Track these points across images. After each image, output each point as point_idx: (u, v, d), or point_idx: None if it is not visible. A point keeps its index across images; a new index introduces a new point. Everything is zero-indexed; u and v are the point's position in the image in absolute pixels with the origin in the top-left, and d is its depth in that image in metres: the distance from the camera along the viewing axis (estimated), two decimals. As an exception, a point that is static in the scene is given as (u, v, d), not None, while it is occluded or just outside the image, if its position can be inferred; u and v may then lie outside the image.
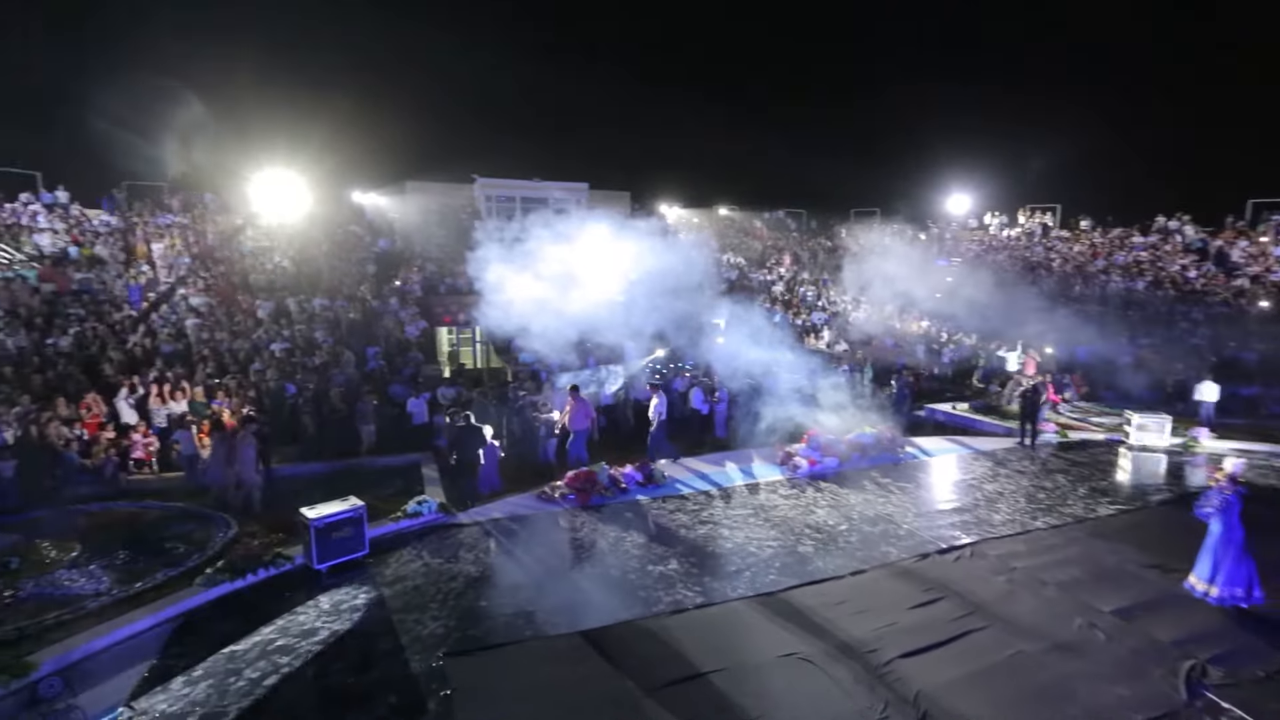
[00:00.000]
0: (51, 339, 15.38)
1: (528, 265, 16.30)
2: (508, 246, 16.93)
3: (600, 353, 16.80)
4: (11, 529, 9.79)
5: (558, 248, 16.58)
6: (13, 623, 7.20)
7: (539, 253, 16.41)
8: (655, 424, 12.93)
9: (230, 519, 9.96)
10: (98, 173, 27.93)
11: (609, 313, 15.14)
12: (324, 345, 16.91)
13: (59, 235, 21.87)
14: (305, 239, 24.33)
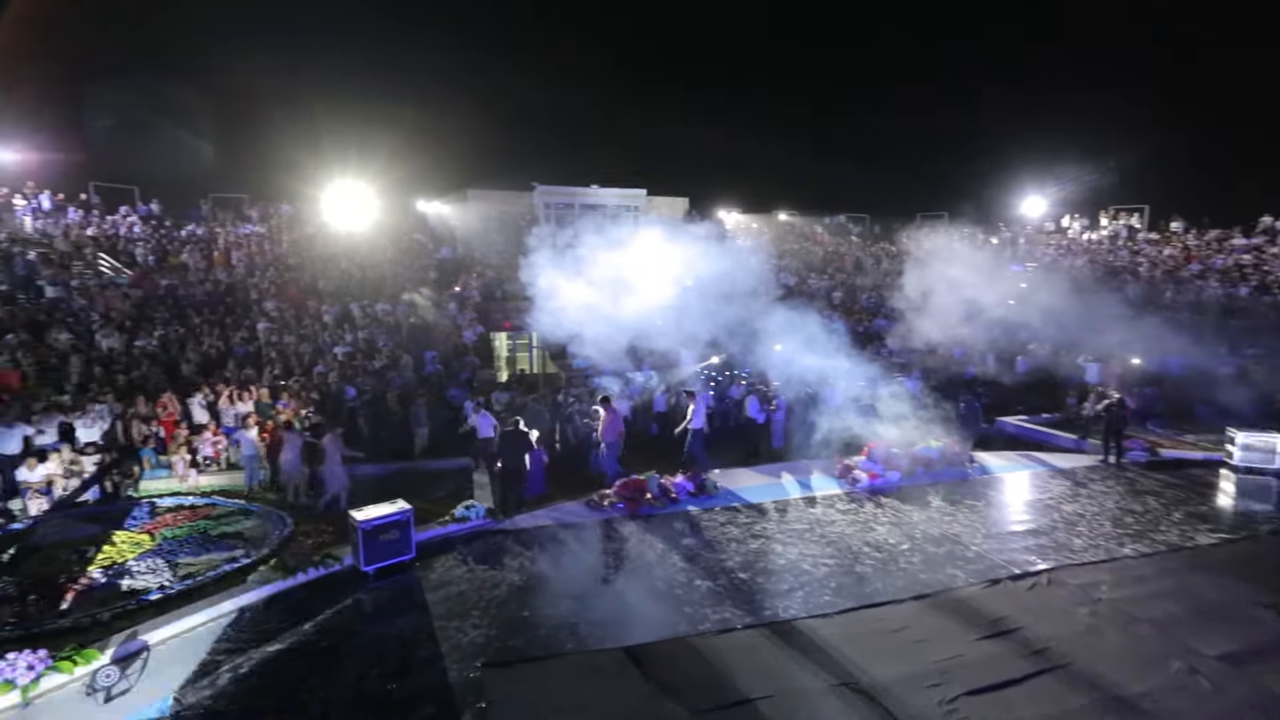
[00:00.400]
0: (140, 341, 16.26)
1: (582, 271, 16.32)
2: (563, 252, 17.00)
3: (654, 359, 16.60)
4: (93, 519, 10.32)
5: (612, 253, 16.54)
6: (85, 610, 7.53)
7: (593, 258, 16.41)
8: (692, 432, 12.59)
9: (287, 517, 10.21)
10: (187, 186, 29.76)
11: (663, 318, 14.95)
12: (383, 349, 17.32)
13: (150, 244, 23.31)
14: (372, 246, 25.15)
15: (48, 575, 8.34)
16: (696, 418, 12.63)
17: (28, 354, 14.37)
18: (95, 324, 16.36)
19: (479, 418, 12.56)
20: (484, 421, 12.55)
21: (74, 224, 23.77)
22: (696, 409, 12.68)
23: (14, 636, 7.03)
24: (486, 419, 12.64)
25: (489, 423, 12.55)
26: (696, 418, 12.63)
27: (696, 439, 12.62)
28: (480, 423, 12.49)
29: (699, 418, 12.66)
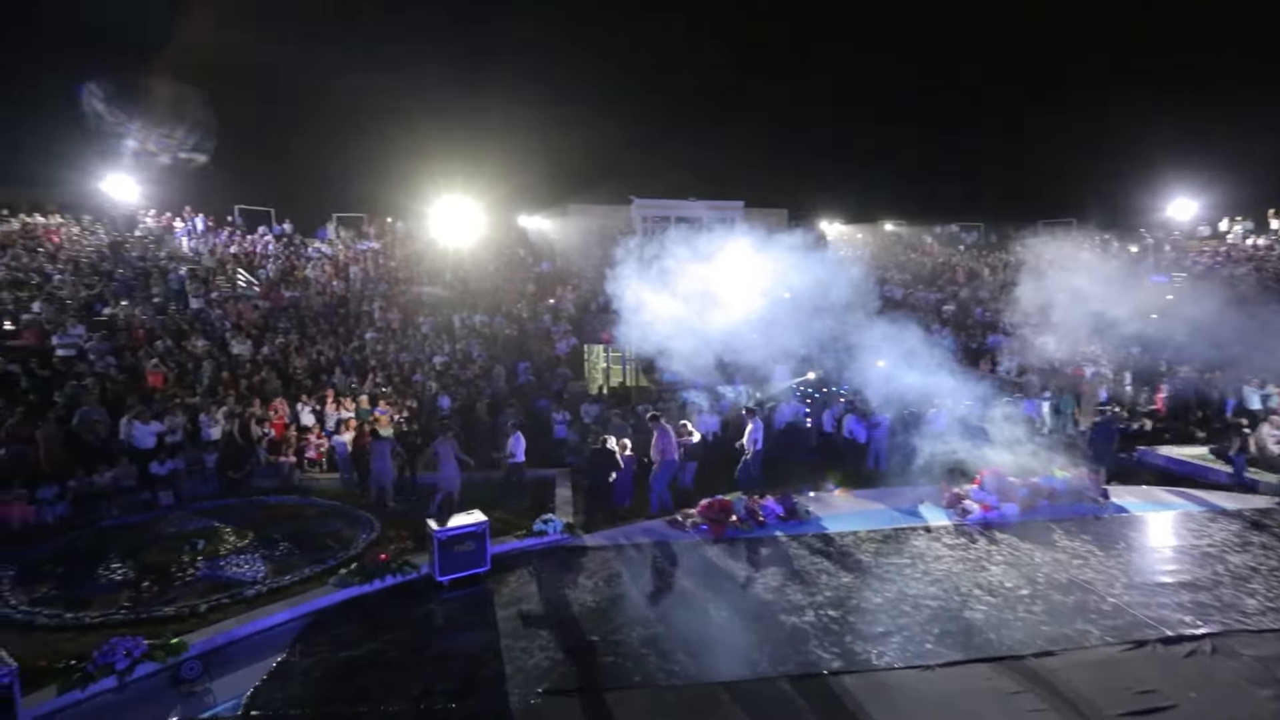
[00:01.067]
0: (263, 348, 17.51)
1: (675, 284, 16.01)
2: (655, 265, 16.77)
3: (746, 374, 15.97)
4: (206, 514, 11.03)
5: (705, 266, 16.12)
6: (186, 601, 7.94)
7: (687, 271, 16.06)
8: (750, 453, 11.84)
9: (375, 520, 10.48)
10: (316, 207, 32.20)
11: (756, 332, 14.34)
12: (478, 359, 17.73)
13: (280, 260, 25.32)
14: (475, 260, 26.09)
15: (162, 564, 8.90)
16: (754, 439, 11.87)
17: (171, 359, 15.79)
18: (227, 332, 17.79)
19: (514, 440, 12.12)
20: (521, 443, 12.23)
21: (220, 243, 26.28)
22: (754, 430, 11.91)
23: (125, 620, 7.51)
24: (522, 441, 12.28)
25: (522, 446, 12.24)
26: (754, 439, 11.87)
27: (755, 462, 11.88)
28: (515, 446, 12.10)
29: (757, 439, 11.90)
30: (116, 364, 15.26)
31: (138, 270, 21.61)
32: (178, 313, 18.78)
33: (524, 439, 12.37)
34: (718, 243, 16.46)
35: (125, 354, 15.72)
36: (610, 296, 20.54)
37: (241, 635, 7.00)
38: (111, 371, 14.86)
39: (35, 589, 8.32)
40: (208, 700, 5.98)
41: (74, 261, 21.53)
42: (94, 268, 21.43)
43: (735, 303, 14.36)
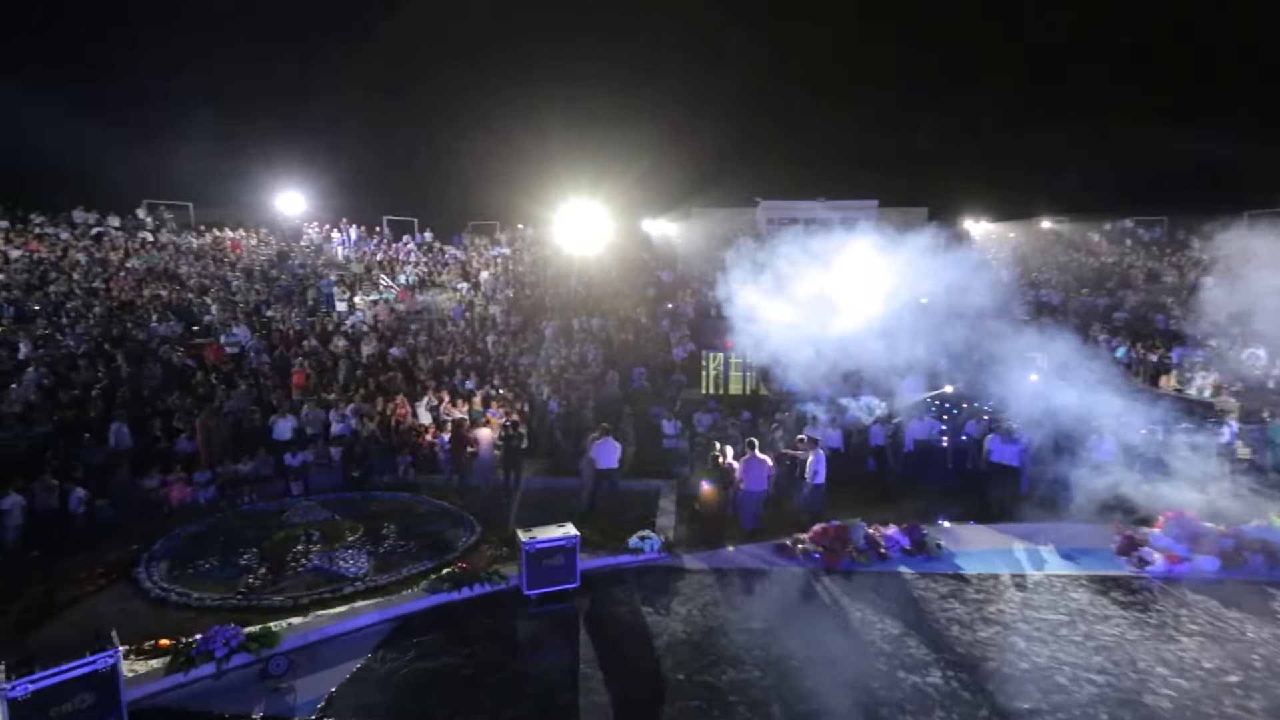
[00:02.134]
0: (396, 349, 18.47)
1: (796, 289, 15.03)
2: (777, 269, 15.85)
3: (875, 385, 14.58)
4: (327, 505, 11.59)
5: (829, 269, 14.97)
6: (292, 591, 8.21)
7: (809, 275, 15.01)
8: (812, 488, 10.54)
9: (476, 523, 10.46)
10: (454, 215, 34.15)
11: (888, 340, 12.99)
12: (593, 363, 17.61)
13: (418, 266, 26.92)
14: (600, 265, 26.26)
15: (281, 552, 9.34)
16: (817, 470, 10.58)
17: (314, 358, 17.03)
18: (364, 334, 18.96)
19: (601, 444, 11.58)
20: (606, 450, 11.67)
21: (368, 251, 28.44)
22: (815, 462, 10.61)
23: (238, 606, 7.86)
24: (611, 448, 11.73)
25: (614, 453, 11.69)
26: (817, 470, 10.58)
27: (814, 497, 10.59)
28: (601, 451, 11.56)
29: (818, 470, 10.60)
30: (270, 362, 16.68)
31: (297, 276, 23.74)
32: (325, 315, 20.32)
33: (617, 445, 11.97)
34: (845, 244, 15.23)
35: (278, 353, 17.16)
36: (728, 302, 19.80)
37: (331, 634, 7.06)
38: (265, 369, 16.24)
39: (175, 566, 9.00)
40: (289, 699, 6.00)
41: (248, 269, 24.09)
42: (263, 274, 23.80)
43: (862, 308, 13.11)
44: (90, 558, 9.26)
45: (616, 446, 12.13)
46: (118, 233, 26.07)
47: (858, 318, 13.62)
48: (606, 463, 11.65)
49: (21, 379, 14.18)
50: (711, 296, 22.67)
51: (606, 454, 11.69)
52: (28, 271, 20.75)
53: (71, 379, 14.47)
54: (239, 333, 17.41)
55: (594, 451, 11.60)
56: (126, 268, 22.40)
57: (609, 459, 11.69)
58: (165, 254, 24.57)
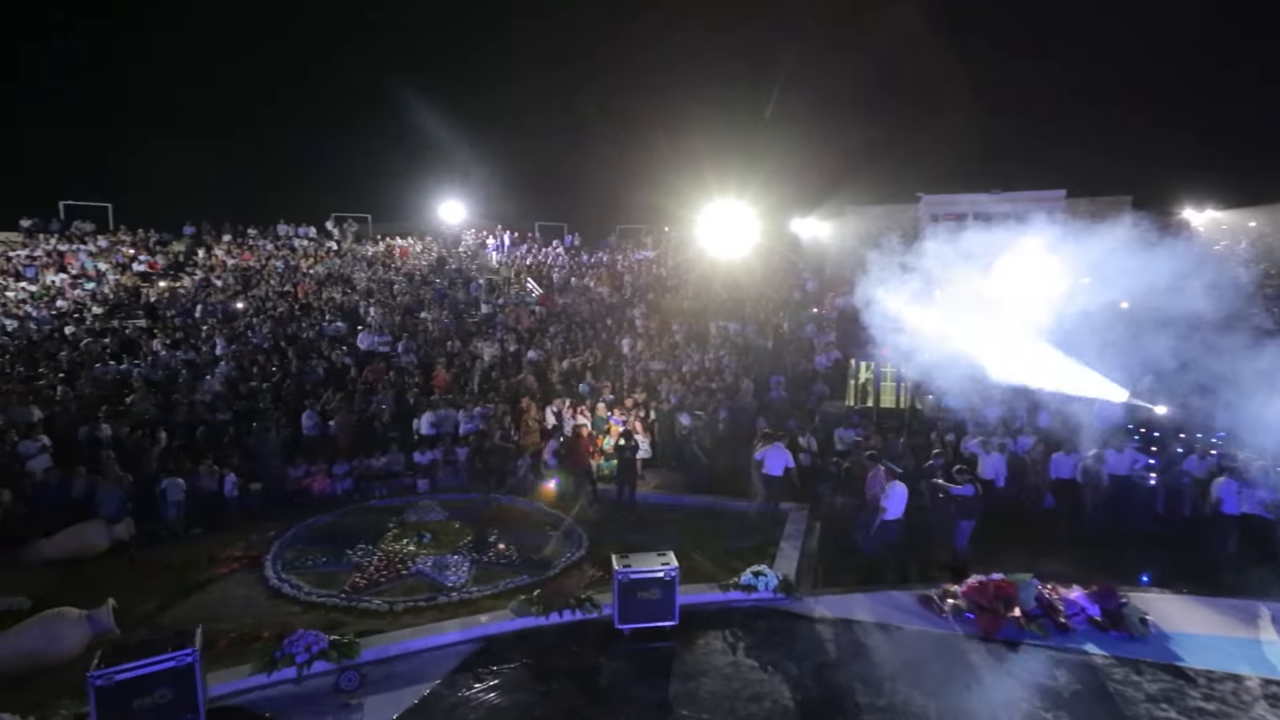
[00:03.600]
0: (533, 352, 18.66)
1: (960, 292, 13.02)
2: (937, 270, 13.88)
3: (1057, 405, 12.18)
4: (447, 505, 11.64)
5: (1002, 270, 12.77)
6: (390, 595, 8.10)
7: (976, 277, 12.93)
8: (882, 523, 8.83)
9: (585, 539, 9.89)
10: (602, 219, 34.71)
11: (1070, 353, 10.68)
12: (727, 369, 16.55)
13: (564, 270, 27.42)
14: (744, 267, 25.07)
15: (393, 551, 9.37)
16: (893, 502, 8.80)
17: (455, 359, 17.62)
18: (504, 336, 19.38)
19: (771, 450, 10.66)
20: (776, 458, 10.57)
21: (519, 256, 29.55)
22: (893, 494, 8.85)
23: (339, 605, 7.87)
24: (779, 455, 10.65)
25: (782, 460, 10.57)
26: (893, 502, 8.80)
27: (883, 534, 8.83)
28: (771, 458, 10.55)
29: (895, 502, 8.79)
30: (416, 362, 17.49)
31: (452, 280, 25.07)
32: (471, 317, 21.12)
33: (787, 453, 11.06)
34: (1021, 240, 12.91)
35: (422, 353, 17.97)
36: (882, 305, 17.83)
37: (412, 649, 6.74)
38: (411, 368, 17.02)
39: (299, 556, 9.32)
40: (354, 716, 5.67)
41: (409, 274, 25.87)
42: (423, 279, 25.41)
43: (1041, 314, 10.94)
44: (236, 540, 9.91)
45: (786, 454, 11.11)
46: (309, 243, 29.29)
47: (1035, 325, 11.41)
48: (772, 469, 10.83)
49: (214, 372, 15.99)
50: (863, 299, 20.66)
51: (775, 461, 10.87)
52: (237, 278, 23.78)
53: (251, 373, 16.08)
54: (403, 345, 18.45)
55: (760, 455, 10.90)
56: (310, 274, 24.95)
57: (775, 466, 10.84)
58: (343, 261, 27.14)
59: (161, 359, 16.52)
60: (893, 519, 8.94)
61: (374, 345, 17.70)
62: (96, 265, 24.00)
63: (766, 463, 11.08)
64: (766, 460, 11.10)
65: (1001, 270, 12.68)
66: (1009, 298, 11.71)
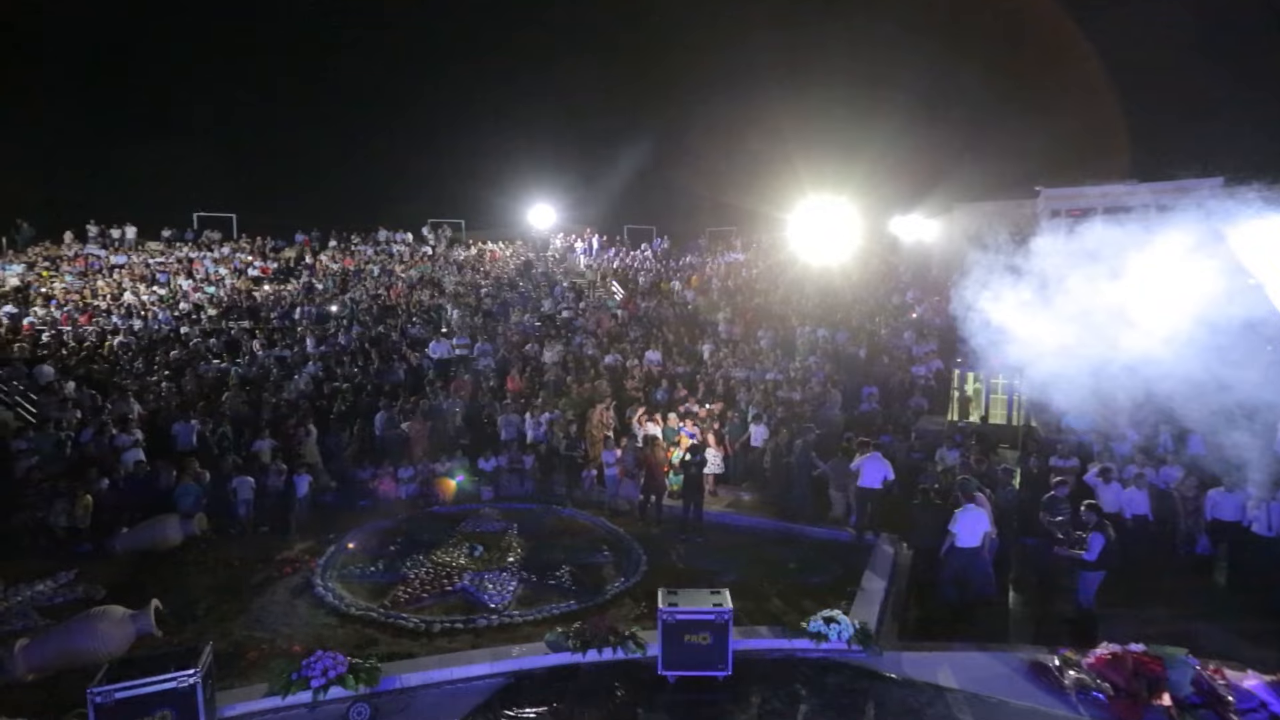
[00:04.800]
0: (610, 356, 18.09)
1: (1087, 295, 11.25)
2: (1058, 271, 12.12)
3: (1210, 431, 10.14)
4: (508, 515, 11.19)
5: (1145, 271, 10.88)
6: (430, 613, 7.65)
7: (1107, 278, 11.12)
8: (958, 550, 7.77)
9: (644, 560, 9.11)
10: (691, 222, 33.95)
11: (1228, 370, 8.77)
12: (814, 380, 15.25)
13: (650, 273, 26.84)
14: (839, 270, 23.49)
15: (443, 564, 8.96)
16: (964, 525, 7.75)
17: (531, 363, 17.34)
18: (581, 340, 18.95)
19: (869, 460, 9.71)
20: (873, 468, 9.54)
21: (606, 259, 29.29)
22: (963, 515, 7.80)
23: (376, 620, 7.48)
24: (877, 465, 9.62)
25: (880, 471, 9.57)
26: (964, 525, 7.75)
27: (976, 566, 7.73)
28: (868, 468, 9.60)
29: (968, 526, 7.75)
30: (493, 366, 17.35)
31: (537, 284, 25.05)
32: (548, 321, 20.87)
33: (886, 463, 10.06)
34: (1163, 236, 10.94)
35: (500, 356, 17.83)
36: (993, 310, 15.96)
37: (435, 680, 6.19)
38: (488, 372, 16.89)
39: (350, 562, 9.11)
40: (363, 759, 5.16)
41: (496, 278, 26.13)
42: (510, 283, 25.57)
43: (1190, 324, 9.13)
44: (298, 541, 9.88)
45: (885, 464, 10.06)
46: (405, 248, 30.35)
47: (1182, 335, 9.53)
48: (869, 481, 9.86)
49: (302, 371, 16.52)
50: (971, 304, 18.65)
51: (872, 471, 9.88)
52: (335, 282, 24.88)
53: (335, 373, 16.48)
54: (480, 347, 18.44)
55: (855, 464, 9.99)
56: (402, 277, 25.71)
57: (872, 476, 9.84)
58: (435, 265, 27.85)
59: (258, 359, 17.28)
60: (965, 547, 7.76)
61: (447, 352, 17.69)
62: (217, 270, 25.84)
63: (863, 473, 9.99)
64: (863, 470, 10.02)
65: (1141, 271, 10.80)
66: (1149, 303, 9.88)
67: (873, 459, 10.11)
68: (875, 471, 10.06)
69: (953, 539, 7.87)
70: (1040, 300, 11.87)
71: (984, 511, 8.00)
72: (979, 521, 7.94)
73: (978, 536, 7.91)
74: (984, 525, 7.94)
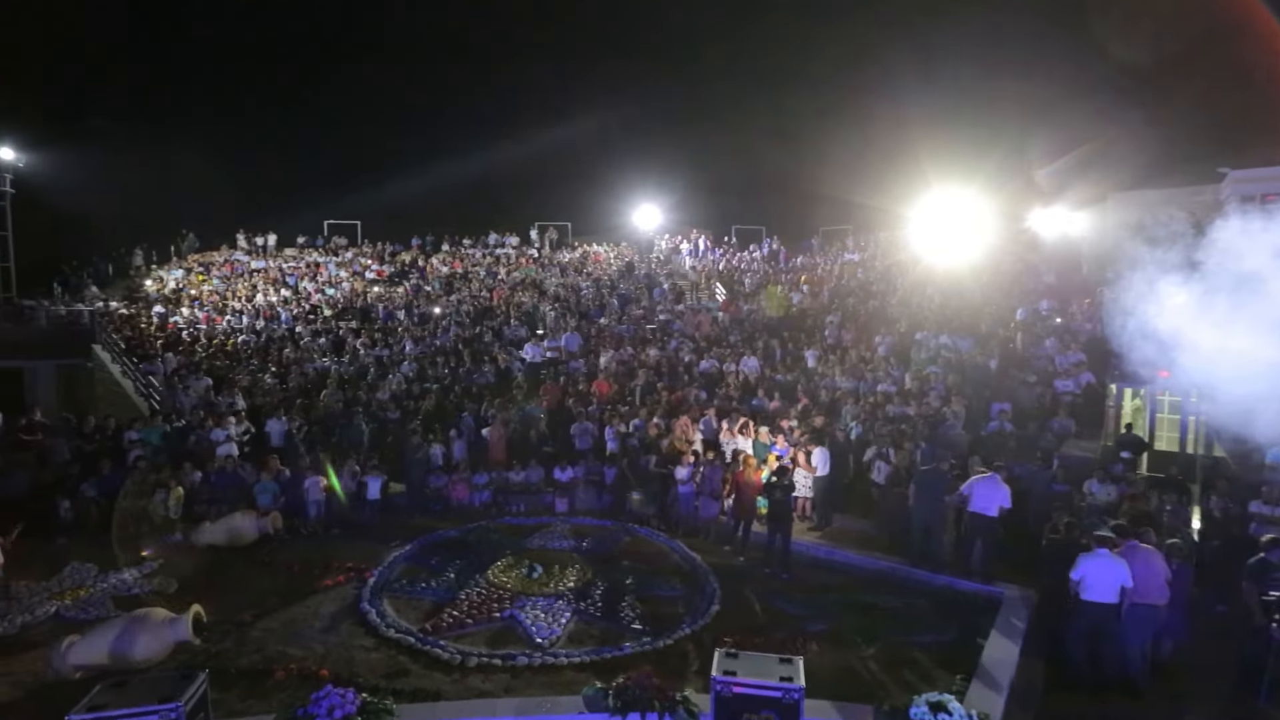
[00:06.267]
0: (705, 361, 16.90)
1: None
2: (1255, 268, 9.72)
3: None
4: (579, 531, 10.39)
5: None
6: (471, 643, 6.94)
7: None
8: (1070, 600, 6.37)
9: (717, 594, 7.95)
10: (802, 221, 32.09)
11: None
12: (933, 393, 13.31)
13: (756, 275, 25.41)
14: (968, 271, 20.95)
15: (495, 586, 8.26)
16: (1089, 573, 6.40)
17: (625, 367, 16.54)
18: (678, 344, 17.93)
19: (982, 483, 8.19)
20: (988, 492, 7.93)
21: (711, 260, 28.17)
22: (1086, 563, 6.42)
23: (411, 648, 6.86)
24: (994, 489, 8.04)
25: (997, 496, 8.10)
26: (1089, 573, 6.40)
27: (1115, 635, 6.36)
28: (980, 492, 8.03)
29: (1096, 577, 6.37)
30: (584, 370, 16.73)
31: (638, 285, 24.35)
32: (645, 323, 20.03)
33: (1004, 487, 8.47)
34: None
35: (590, 358, 17.21)
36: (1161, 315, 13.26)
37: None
38: (578, 375, 16.26)
39: (406, 576, 8.64)
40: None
41: (597, 280, 25.71)
42: (611, 285, 25.06)
43: None
44: (363, 546, 9.59)
45: (1003, 489, 8.47)
46: (513, 250, 30.75)
47: None
48: (981, 506, 8.32)
49: (397, 371, 16.72)
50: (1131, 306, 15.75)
51: (985, 495, 8.34)
52: (441, 283, 25.48)
53: (428, 374, 16.52)
54: (560, 340, 17.98)
55: (966, 488, 8.50)
56: (505, 280, 25.91)
57: (986, 502, 8.31)
58: (540, 268, 27.92)
59: (360, 358, 17.74)
60: (1091, 601, 6.24)
61: (539, 355, 17.28)
62: (338, 274, 27.30)
63: (974, 497, 8.35)
64: (974, 495, 8.39)
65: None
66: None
67: (987, 481, 8.47)
68: (989, 496, 8.38)
69: (1075, 589, 6.38)
70: (1231, 304, 9.53)
71: (1128, 562, 6.32)
72: (1113, 572, 6.30)
73: (1112, 591, 6.28)
74: (1121, 578, 6.30)
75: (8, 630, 7.38)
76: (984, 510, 8.39)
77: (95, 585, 8.49)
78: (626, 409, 14.10)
